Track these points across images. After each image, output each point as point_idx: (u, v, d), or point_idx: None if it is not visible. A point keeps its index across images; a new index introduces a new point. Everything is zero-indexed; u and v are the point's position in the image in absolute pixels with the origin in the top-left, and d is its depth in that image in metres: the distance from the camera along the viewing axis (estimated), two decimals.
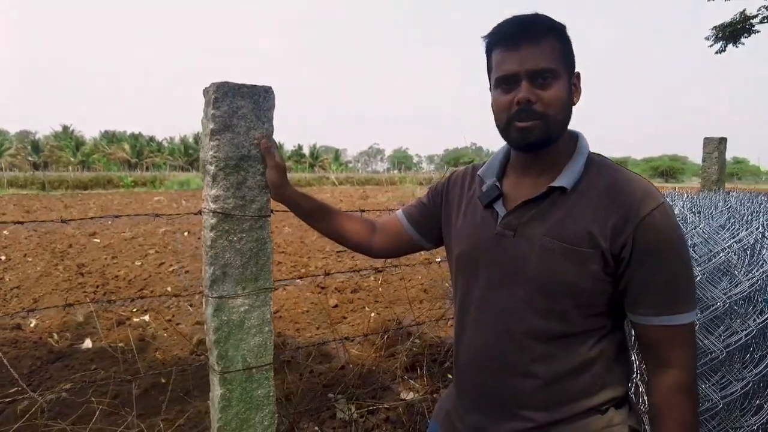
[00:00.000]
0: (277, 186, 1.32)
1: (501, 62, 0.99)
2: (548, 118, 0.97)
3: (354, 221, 1.36)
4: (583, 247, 0.94)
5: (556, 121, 0.98)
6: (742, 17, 11.05)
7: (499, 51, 1.00)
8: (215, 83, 1.25)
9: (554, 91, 0.97)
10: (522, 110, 0.97)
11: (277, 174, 1.31)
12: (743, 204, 1.95)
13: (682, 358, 0.95)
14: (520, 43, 0.96)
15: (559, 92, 0.97)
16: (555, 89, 0.97)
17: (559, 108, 0.98)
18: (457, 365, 1.14)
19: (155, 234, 8.86)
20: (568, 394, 0.99)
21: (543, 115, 0.96)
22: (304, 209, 1.34)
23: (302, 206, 1.33)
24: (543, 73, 0.96)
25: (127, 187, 27.05)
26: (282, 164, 1.32)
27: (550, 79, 0.96)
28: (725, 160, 3.84)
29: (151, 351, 3.67)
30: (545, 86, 0.96)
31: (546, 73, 0.96)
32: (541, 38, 0.96)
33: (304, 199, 1.34)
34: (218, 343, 1.32)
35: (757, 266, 1.41)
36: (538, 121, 0.97)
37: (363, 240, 1.34)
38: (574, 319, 0.98)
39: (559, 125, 0.99)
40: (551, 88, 0.96)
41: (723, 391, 1.44)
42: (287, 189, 1.32)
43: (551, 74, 0.96)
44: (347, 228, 1.35)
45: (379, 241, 1.34)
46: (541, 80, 0.96)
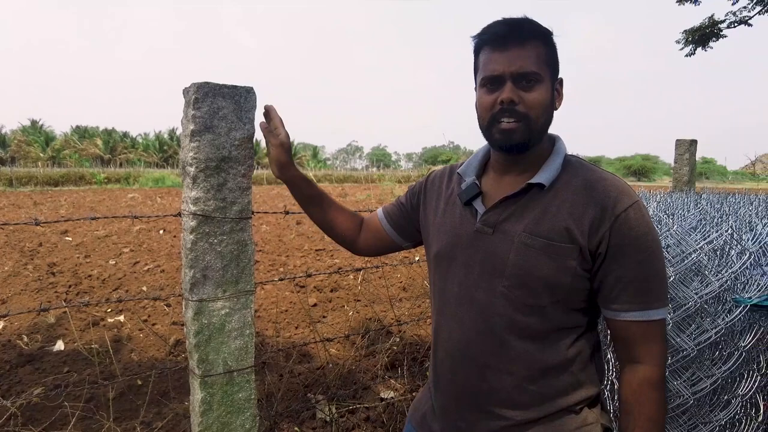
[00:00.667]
0: (281, 165, 1.28)
1: (487, 62, 1.01)
2: (530, 120, 0.99)
3: (347, 215, 1.36)
4: (561, 242, 0.96)
5: (537, 124, 1.00)
6: (711, 22, 11.38)
7: (486, 51, 1.02)
8: (196, 83, 1.23)
9: (537, 94, 0.99)
10: (505, 110, 0.99)
11: (282, 153, 1.27)
12: (714, 206, 2.02)
13: (653, 354, 0.98)
14: (507, 44, 0.98)
15: (542, 95, 0.99)
16: (538, 92, 0.99)
17: (541, 111, 1.00)
18: (435, 362, 1.15)
19: (129, 232, 8.68)
20: (545, 392, 1.01)
21: (525, 117, 0.99)
22: (304, 193, 1.32)
23: (303, 190, 1.32)
24: (527, 76, 0.98)
25: (100, 183, 26.39)
26: (287, 143, 1.27)
27: (533, 82, 0.98)
28: (695, 161, 3.96)
29: (126, 352, 3.60)
30: (529, 89, 0.98)
31: (530, 76, 0.98)
32: (528, 42, 0.98)
33: (306, 183, 1.32)
34: (199, 346, 1.30)
35: (726, 267, 1.46)
36: (520, 122, 0.99)
37: (350, 235, 1.35)
38: (552, 316, 1.00)
39: (539, 128, 1.01)
40: (534, 90, 0.99)
41: (694, 388, 1.48)
42: (292, 169, 1.29)
43: (535, 77, 0.98)
44: (339, 221, 1.35)
45: (363, 238, 1.35)
46: (525, 83, 0.98)
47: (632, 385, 0.99)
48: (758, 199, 2.49)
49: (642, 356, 0.98)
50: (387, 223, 1.30)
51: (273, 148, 1.28)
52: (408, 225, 1.28)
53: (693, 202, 2.20)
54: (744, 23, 11.20)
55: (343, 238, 1.36)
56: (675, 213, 1.78)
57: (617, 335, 1.01)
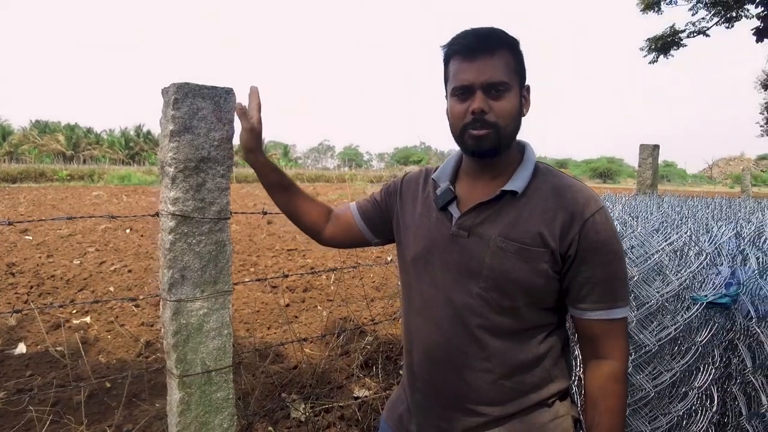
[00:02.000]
0: (249, 150, 1.28)
1: (457, 72, 1.04)
2: (499, 128, 1.03)
3: (314, 205, 1.37)
4: (535, 246, 1.01)
5: (506, 131, 1.04)
6: (672, 31, 11.83)
7: (456, 61, 1.05)
8: (175, 84, 1.24)
9: (505, 102, 1.03)
10: (476, 119, 1.03)
11: (251, 137, 1.27)
12: (674, 209, 2.13)
13: (617, 350, 1.04)
14: (476, 55, 1.02)
15: (511, 104, 1.04)
16: (506, 101, 1.03)
17: (510, 119, 1.04)
18: (411, 362, 1.17)
19: (95, 231, 8.44)
20: (520, 388, 1.06)
21: (494, 125, 1.03)
22: (270, 179, 1.32)
23: (269, 176, 1.32)
24: (496, 86, 1.02)
25: (62, 180, 25.50)
26: (258, 128, 1.27)
27: (502, 91, 1.02)
28: (658, 165, 4.13)
29: (93, 354, 3.51)
30: (498, 98, 1.02)
31: (499, 86, 1.02)
32: (496, 51, 1.02)
33: (272, 170, 1.32)
34: (177, 346, 1.30)
35: (685, 267, 1.54)
36: (490, 130, 1.03)
37: (317, 225, 1.35)
38: (526, 315, 1.04)
39: (509, 135, 1.06)
40: (503, 99, 1.03)
41: (655, 381, 1.56)
42: (259, 155, 1.30)
43: (504, 87, 1.02)
44: (306, 209, 1.35)
45: (331, 229, 1.36)
46: (495, 92, 1.02)
47: (598, 380, 1.05)
48: (714, 202, 2.63)
49: (606, 352, 1.04)
50: (360, 218, 1.32)
51: (243, 132, 1.28)
52: (381, 223, 1.30)
53: (656, 205, 2.31)
54: (702, 33, 11.68)
55: (308, 227, 1.36)
56: (639, 216, 1.87)
57: (583, 333, 1.07)
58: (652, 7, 11.87)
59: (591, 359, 1.07)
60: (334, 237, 1.36)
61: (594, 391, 1.05)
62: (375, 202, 1.31)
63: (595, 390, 1.05)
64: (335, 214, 1.37)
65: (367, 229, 1.32)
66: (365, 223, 1.32)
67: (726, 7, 11.25)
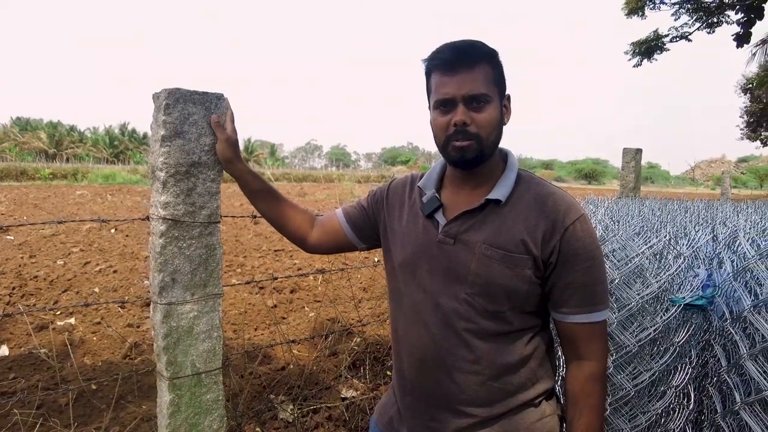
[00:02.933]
0: (227, 161, 1.32)
1: (439, 86, 1.08)
2: (481, 139, 1.07)
3: (297, 211, 1.38)
4: (518, 253, 1.05)
5: (488, 141, 1.08)
6: (655, 35, 12.03)
7: (437, 75, 1.09)
8: (167, 89, 1.25)
9: (486, 114, 1.06)
10: (458, 131, 1.07)
11: (227, 148, 1.31)
12: (654, 213, 2.19)
13: (597, 351, 1.09)
14: (456, 68, 1.06)
15: (491, 115, 1.07)
16: (487, 112, 1.07)
17: (491, 129, 1.08)
18: (401, 366, 1.20)
19: (79, 231, 8.33)
20: (507, 388, 1.10)
21: (476, 136, 1.07)
22: (252, 188, 1.34)
23: (251, 184, 1.34)
24: (477, 98, 1.05)
25: (45, 179, 25.07)
26: (233, 138, 1.32)
27: (483, 103, 1.06)
28: (641, 168, 4.21)
29: (78, 356, 3.48)
30: (479, 109, 1.06)
31: (480, 98, 1.06)
32: (476, 64, 1.06)
33: (254, 178, 1.34)
34: (167, 349, 1.32)
35: (664, 270, 1.59)
36: (473, 141, 1.07)
37: (301, 231, 1.37)
38: (511, 319, 1.08)
39: (491, 144, 1.09)
40: (484, 111, 1.06)
41: (635, 380, 1.61)
42: (239, 164, 1.33)
43: (484, 98, 1.06)
44: (289, 216, 1.36)
45: (316, 236, 1.37)
46: (476, 104, 1.06)
47: (579, 380, 1.09)
48: (693, 206, 2.70)
49: (587, 354, 1.09)
50: (347, 224, 1.33)
51: (219, 144, 1.32)
52: (367, 229, 1.32)
53: (637, 209, 2.37)
54: (684, 38, 11.89)
55: (292, 234, 1.37)
56: (620, 220, 1.92)
57: (565, 335, 1.12)
58: (636, 11, 12.06)
59: (572, 360, 1.12)
60: (320, 243, 1.38)
61: (575, 390, 1.09)
62: (361, 209, 1.34)
63: (576, 390, 1.09)
64: (320, 221, 1.39)
65: (354, 235, 1.34)
66: (352, 228, 1.34)
67: (707, 12, 11.48)
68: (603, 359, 1.10)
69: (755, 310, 1.46)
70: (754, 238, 1.63)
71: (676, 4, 11.68)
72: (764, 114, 20.12)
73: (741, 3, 10.80)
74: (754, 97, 19.66)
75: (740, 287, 1.53)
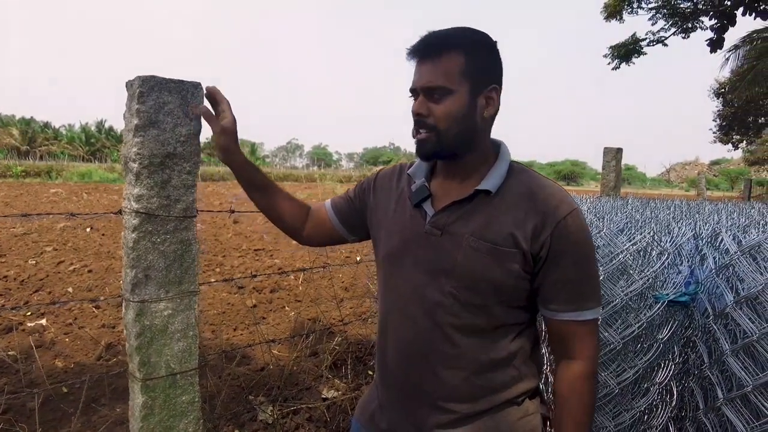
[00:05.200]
0: (226, 150, 1.25)
1: (412, 75, 1.07)
2: (439, 131, 1.04)
3: (294, 203, 1.35)
4: (506, 247, 1.02)
5: (448, 135, 1.04)
6: (633, 39, 12.26)
7: (412, 64, 1.07)
8: (141, 77, 1.19)
9: (444, 106, 1.03)
10: (417, 122, 1.05)
11: (227, 138, 1.24)
12: (638, 210, 2.20)
13: (587, 350, 1.06)
14: (422, 58, 1.04)
15: (450, 107, 1.03)
16: (446, 105, 1.02)
17: (451, 122, 1.03)
18: (384, 359, 1.17)
19: (53, 230, 8.09)
20: (490, 385, 1.07)
21: (434, 128, 1.04)
22: (250, 179, 1.29)
23: (249, 176, 1.29)
24: (434, 90, 1.03)
25: (17, 177, 24.35)
26: (232, 128, 1.24)
27: (442, 94, 1.02)
28: (621, 168, 4.25)
29: (49, 358, 3.36)
30: (437, 101, 1.03)
31: (436, 90, 1.02)
32: (442, 55, 1.02)
33: (252, 169, 1.29)
34: (140, 349, 1.26)
35: (648, 266, 1.59)
36: (431, 133, 1.04)
37: (297, 224, 1.34)
38: (497, 314, 1.05)
39: (453, 138, 1.04)
40: (442, 103, 1.03)
41: (619, 378, 1.61)
42: (237, 155, 1.26)
43: (442, 91, 1.02)
44: (286, 208, 1.33)
45: (308, 228, 1.35)
46: (436, 95, 1.03)
47: (568, 379, 1.06)
48: (674, 204, 2.72)
49: (577, 353, 1.06)
50: (335, 216, 1.31)
51: (217, 135, 1.25)
52: (355, 220, 1.29)
53: (620, 206, 2.38)
54: (661, 42, 12.15)
55: (289, 227, 1.34)
56: (604, 216, 1.92)
57: (554, 333, 1.09)
58: (615, 15, 12.25)
59: (561, 359, 1.09)
60: (312, 235, 1.35)
61: (564, 389, 1.07)
62: (349, 200, 1.31)
63: (565, 389, 1.07)
64: (311, 213, 1.36)
65: (342, 227, 1.31)
66: (340, 221, 1.31)
67: (683, 18, 11.73)
68: (593, 358, 1.08)
69: (737, 306, 1.46)
70: (735, 235, 1.64)
71: (653, 9, 11.91)
72: (736, 118, 20.68)
73: (714, 9, 11.07)
74: (726, 101, 20.19)
75: (722, 283, 1.54)
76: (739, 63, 11.95)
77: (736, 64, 12.13)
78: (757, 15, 10.06)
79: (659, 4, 11.69)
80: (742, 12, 10.21)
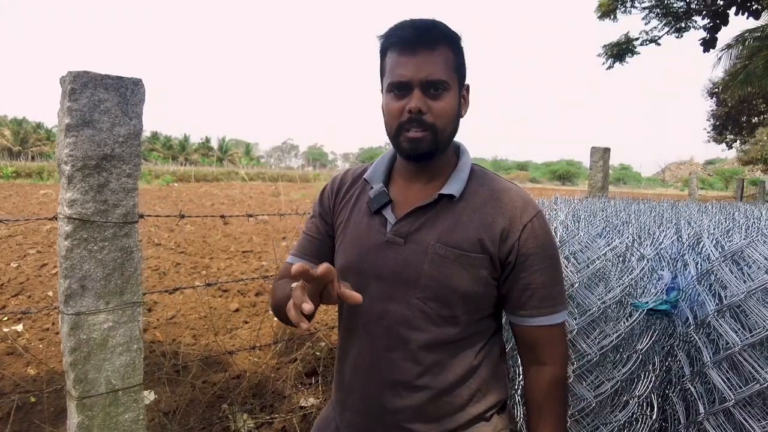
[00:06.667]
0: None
1: (395, 67, 0.96)
2: (437, 130, 0.96)
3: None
4: (474, 252, 0.97)
5: (444, 133, 0.98)
6: (627, 39, 12.23)
7: (394, 55, 0.97)
8: (72, 72, 1.10)
9: (444, 103, 0.96)
10: (413, 119, 0.95)
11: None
12: (618, 213, 2.12)
13: (557, 355, 1.02)
14: (416, 49, 0.94)
15: (449, 104, 0.97)
16: (445, 101, 0.96)
17: (448, 120, 0.97)
18: (342, 380, 1.09)
19: (38, 232, 7.96)
20: (457, 403, 1.01)
21: (432, 126, 0.96)
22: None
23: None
24: (435, 84, 0.95)
25: (7, 177, 24.13)
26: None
27: (441, 90, 0.95)
28: (609, 168, 4.19)
29: (20, 365, 3.26)
30: (437, 97, 0.95)
31: (438, 84, 0.95)
32: (437, 47, 0.95)
33: None
34: (75, 365, 1.17)
35: (627, 273, 1.51)
36: (428, 132, 0.96)
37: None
38: (464, 324, 1.00)
39: (446, 137, 0.99)
40: (442, 99, 0.96)
41: (596, 390, 1.53)
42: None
43: (443, 86, 0.95)
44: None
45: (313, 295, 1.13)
46: (434, 91, 0.95)
47: (541, 386, 1.02)
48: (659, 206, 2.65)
49: (548, 358, 1.02)
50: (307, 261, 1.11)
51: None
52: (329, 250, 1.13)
53: (600, 209, 2.30)
54: (654, 42, 12.13)
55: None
56: (582, 219, 1.84)
57: (524, 340, 1.04)
58: (608, 14, 12.21)
59: (532, 365, 1.04)
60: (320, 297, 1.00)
61: (536, 397, 1.02)
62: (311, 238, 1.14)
63: (538, 397, 1.02)
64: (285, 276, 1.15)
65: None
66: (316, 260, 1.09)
67: (676, 17, 11.70)
68: (564, 364, 1.03)
69: (719, 315, 1.38)
70: (718, 239, 1.56)
71: (647, 9, 11.87)
72: (729, 117, 20.72)
73: (707, 9, 11.05)
74: (719, 100, 20.21)
75: (704, 291, 1.46)
76: (732, 62, 11.94)
77: (729, 64, 12.12)
78: (750, 14, 10.04)
79: (652, 4, 11.66)
80: (735, 11, 10.19)
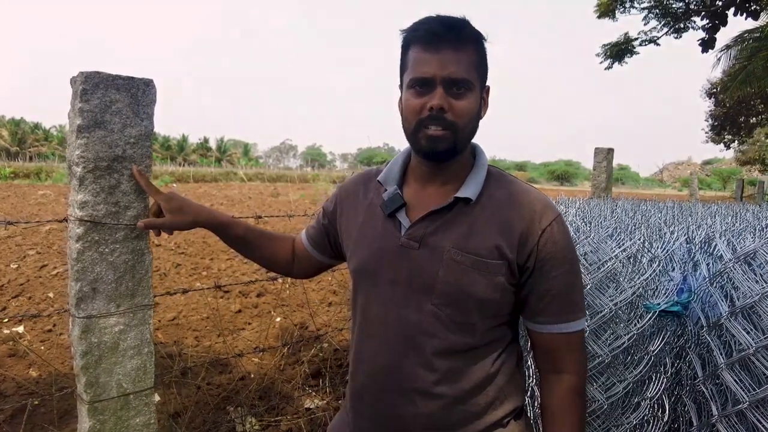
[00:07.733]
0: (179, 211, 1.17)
1: (418, 62, 0.94)
2: (457, 129, 0.94)
3: (278, 243, 1.27)
4: (491, 258, 0.94)
5: (464, 133, 0.96)
6: (626, 39, 12.23)
7: (417, 50, 0.95)
8: (84, 72, 1.09)
9: (466, 102, 0.94)
10: (433, 117, 0.93)
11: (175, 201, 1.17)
12: (628, 214, 2.11)
13: (575, 363, 1.00)
14: (441, 46, 0.92)
15: (471, 104, 0.95)
16: (467, 101, 0.94)
17: (468, 120, 0.96)
18: (355, 386, 1.08)
19: (38, 232, 7.93)
20: (473, 410, 0.99)
21: (453, 125, 0.94)
22: (227, 234, 1.22)
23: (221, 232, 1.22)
24: (459, 83, 0.93)
25: (5, 178, 24.05)
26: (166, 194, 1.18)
27: (464, 89, 0.94)
28: (612, 168, 4.18)
29: (22, 368, 3.24)
30: (459, 96, 0.93)
31: (462, 83, 0.93)
32: (463, 45, 0.93)
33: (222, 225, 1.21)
34: (87, 368, 1.16)
35: (638, 274, 1.50)
36: (448, 131, 0.94)
37: (286, 263, 1.28)
38: (480, 331, 0.98)
39: (466, 137, 0.98)
40: (464, 99, 0.94)
41: (608, 392, 1.52)
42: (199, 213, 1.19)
43: (466, 85, 0.94)
44: (272, 250, 1.26)
45: (296, 265, 1.28)
46: (456, 89, 0.93)
47: (558, 394, 1.00)
48: (666, 207, 2.65)
49: (566, 366, 1.00)
50: (311, 247, 1.24)
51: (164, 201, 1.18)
52: (329, 243, 1.21)
53: (609, 209, 2.30)
54: (653, 42, 12.13)
55: (280, 269, 1.29)
56: (592, 221, 1.83)
57: (541, 347, 1.02)
58: (607, 14, 12.21)
59: (549, 373, 1.02)
60: (301, 270, 1.29)
61: (552, 406, 1.00)
62: (320, 226, 1.22)
63: (554, 405, 1.00)
64: (294, 247, 1.28)
65: (322, 255, 1.23)
66: (315, 249, 1.23)
67: (675, 18, 11.70)
68: (582, 372, 1.01)
69: (732, 317, 1.38)
70: (730, 240, 1.55)
71: (646, 9, 11.87)
72: (728, 118, 20.73)
73: (706, 10, 11.05)
74: (718, 101, 20.23)
75: (716, 292, 1.45)
76: (731, 63, 11.94)
77: (728, 64, 12.12)
78: (749, 15, 10.05)
79: (651, 4, 11.67)
80: (734, 12, 10.20)
